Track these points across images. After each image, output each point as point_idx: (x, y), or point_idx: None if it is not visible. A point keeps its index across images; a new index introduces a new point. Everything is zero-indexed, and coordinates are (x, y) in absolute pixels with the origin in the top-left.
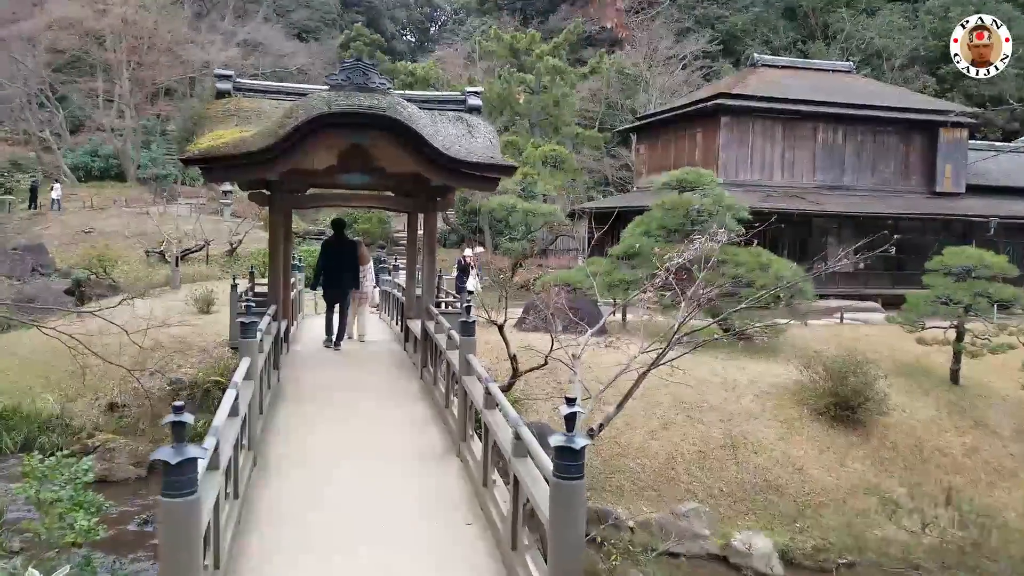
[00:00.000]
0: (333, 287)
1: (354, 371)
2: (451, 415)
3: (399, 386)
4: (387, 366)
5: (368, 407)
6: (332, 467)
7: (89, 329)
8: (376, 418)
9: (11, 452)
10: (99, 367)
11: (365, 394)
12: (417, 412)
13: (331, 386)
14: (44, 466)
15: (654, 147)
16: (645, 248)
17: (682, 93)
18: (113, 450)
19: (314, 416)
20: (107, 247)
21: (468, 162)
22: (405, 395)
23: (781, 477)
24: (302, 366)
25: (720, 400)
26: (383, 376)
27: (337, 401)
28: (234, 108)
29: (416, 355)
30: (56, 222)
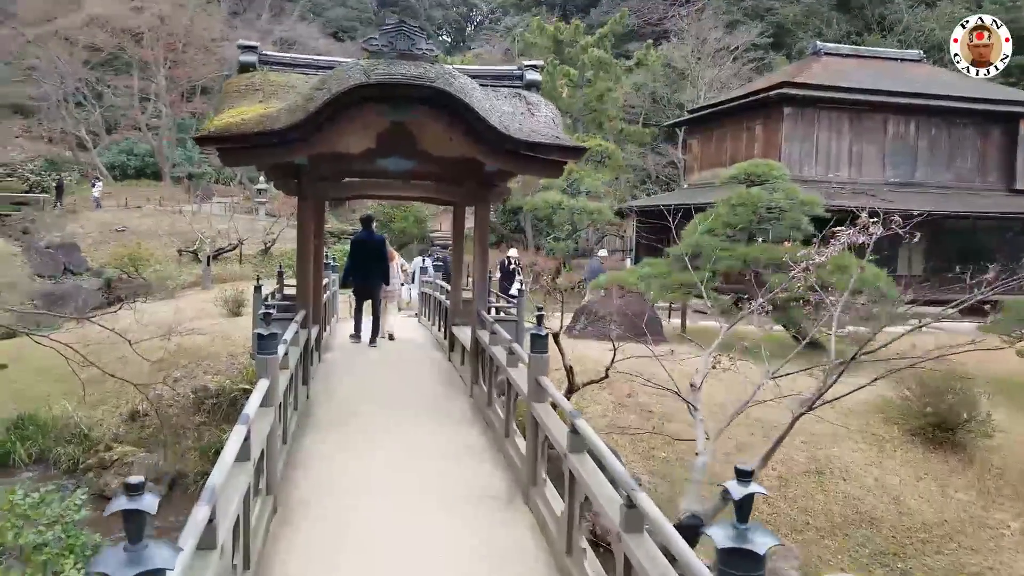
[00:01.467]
0: (363, 284)
1: (394, 385)
2: (513, 447)
3: (446, 405)
4: (431, 380)
5: (411, 432)
6: (370, 513)
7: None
8: (421, 446)
9: (25, 465)
10: (122, 371)
11: (407, 415)
12: (470, 438)
13: (368, 404)
14: (26, 502)
15: (707, 142)
16: (709, 248)
17: (732, 87)
18: (131, 464)
19: (348, 445)
20: (139, 246)
21: (530, 142)
22: (454, 416)
23: (876, 508)
24: (335, 379)
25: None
26: (427, 392)
27: (375, 425)
28: (259, 82)
29: (464, 368)
30: (90, 220)
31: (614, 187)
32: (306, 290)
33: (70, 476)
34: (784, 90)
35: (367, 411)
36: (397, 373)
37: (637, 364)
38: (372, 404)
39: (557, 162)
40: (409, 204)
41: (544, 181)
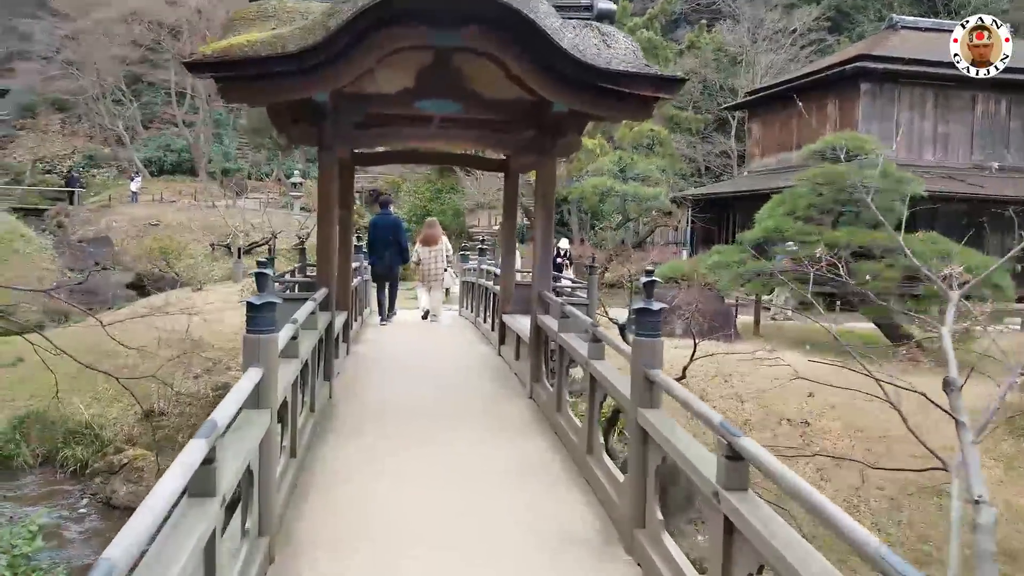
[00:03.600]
0: (380, 263)
1: (436, 383)
2: (602, 469)
3: (501, 409)
4: (479, 377)
5: (459, 444)
6: (401, 562)
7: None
8: (473, 464)
9: (31, 467)
10: (140, 366)
11: (453, 420)
12: (535, 454)
13: (404, 408)
14: None
15: (770, 125)
16: (791, 233)
17: (789, 72)
18: (142, 470)
19: (377, 459)
20: (170, 239)
21: (615, 72)
22: (511, 423)
23: (1011, 538)
24: (365, 376)
25: (903, 427)
26: (476, 392)
27: (413, 433)
28: (273, 8)
29: (520, 363)
30: (124, 215)
31: (664, 177)
32: (328, 266)
33: (77, 480)
34: (861, 64)
35: (403, 415)
36: (439, 369)
37: (709, 364)
38: (410, 406)
39: (646, 99)
40: (446, 194)
41: (592, 165)
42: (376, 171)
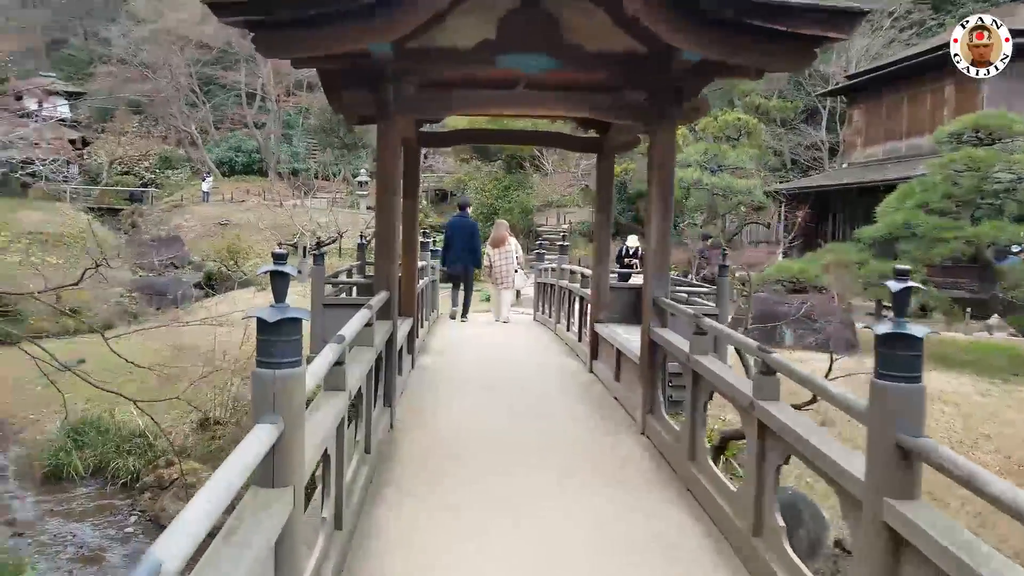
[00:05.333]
0: (455, 265)
1: (519, 409)
2: (786, 567)
3: (606, 449)
4: (572, 400)
5: (558, 502)
6: None
7: None
8: (582, 540)
9: (82, 477)
10: (196, 373)
11: (545, 463)
12: (664, 525)
13: (482, 443)
14: None
15: (875, 111)
16: (924, 228)
17: (886, 55)
18: (193, 486)
19: (450, 524)
20: (238, 239)
21: (771, 3)
22: (624, 472)
23: None
24: (433, 398)
25: None
26: (570, 422)
27: (494, 483)
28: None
29: (624, 386)
30: (194, 214)
31: (757, 168)
32: (389, 265)
33: (127, 494)
34: None
35: (480, 455)
36: (521, 388)
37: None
38: (487, 441)
39: (807, 40)
40: (514, 193)
41: (676, 156)
42: (441, 169)
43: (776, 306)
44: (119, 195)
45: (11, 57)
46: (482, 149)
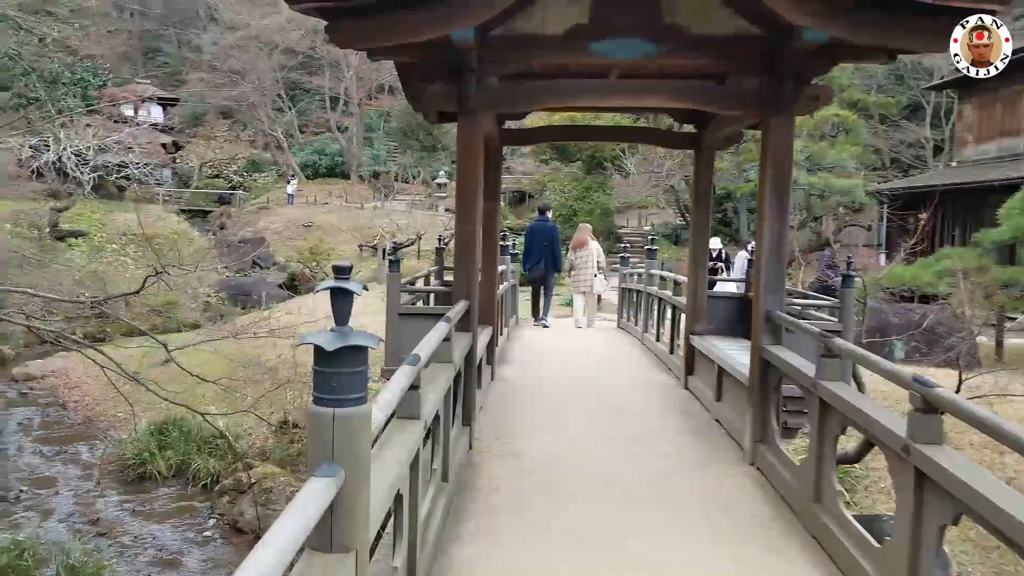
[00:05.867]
0: (535, 270)
1: (609, 429)
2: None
3: (711, 483)
4: (667, 421)
5: (652, 546)
6: None
7: None
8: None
9: (164, 478)
10: (277, 374)
11: (634, 493)
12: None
13: (566, 465)
14: None
15: (990, 105)
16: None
17: None
18: (270, 491)
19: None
20: (321, 240)
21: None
22: (735, 516)
23: None
24: (514, 413)
25: None
26: (667, 448)
27: (580, 520)
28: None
29: (726, 407)
30: (280, 216)
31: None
32: (469, 271)
33: (207, 495)
34: None
35: (568, 483)
36: (610, 406)
37: None
38: (575, 467)
39: (951, 14)
40: (595, 192)
41: None
42: (519, 170)
43: (887, 316)
44: (208, 197)
45: (107, 65)
46: (562, 149)
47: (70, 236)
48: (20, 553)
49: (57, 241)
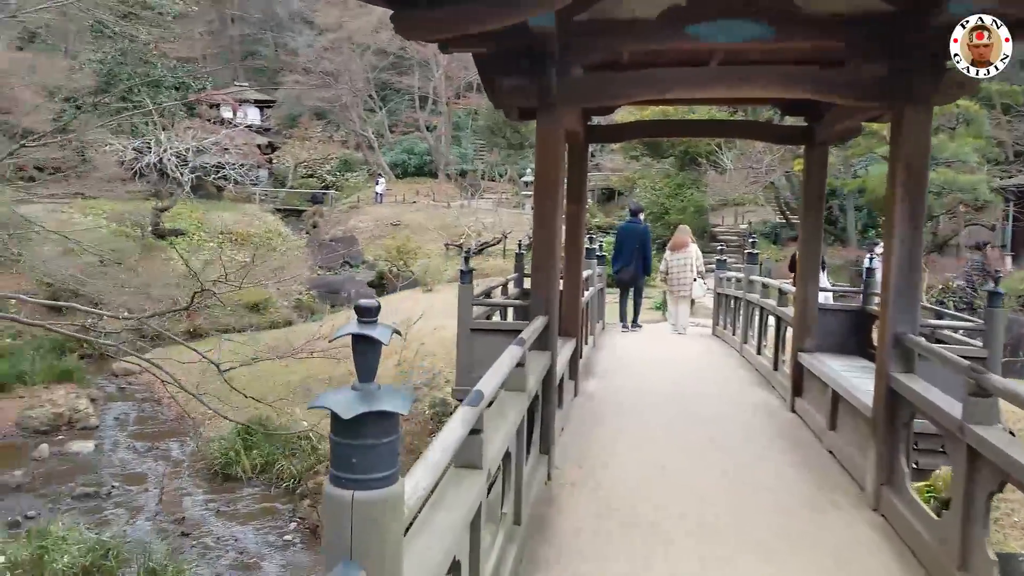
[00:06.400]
0: (625, 271)
1: (700, 452)
2: None
3: (821, 523)
4: (768, 447)
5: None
6: None
7: None
8: None
9: (248, 478)
10: None
11: (736, 540)
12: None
13: (658, 502)
14: None
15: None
16: None
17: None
18: None
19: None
20: (408, 239)
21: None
22: (848, 561)
23: None
24: (598, 436)
25: None
26: (768, 477)
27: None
28: None
29: (842, 438)
30: (369, 215)
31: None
32: (549, 282)
33: (289, 498)
34: None
35: (660, 525)
36: (705, 427)
37: None
38: (668, 504)
39: None
40: (688, 189)
41: (881, 149)
42: (608, 167)
43: (1020, 328)
44: (302, 197)
45: (207, 68)
46: (653, 145)
47: (170, 235)
48: (105, 553)
49: (159, 239)
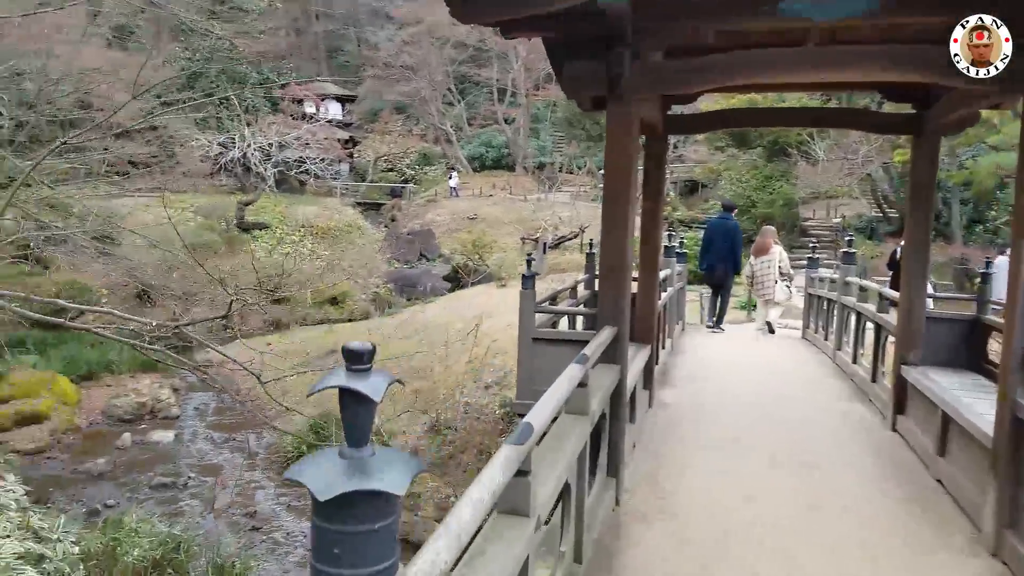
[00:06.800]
0: (712, 270)
1: (793, 486)
2: None
3: (932, 567)
4: (866, 471)
5: None
6: None
7: None
8: None
9: None
10: (438, 373)
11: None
12: None
13: (742, 539)
14: None
15: None
16: None
17: None
18: (419, 496)
19: None
20: (484, 233)
21: None
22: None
23: None
24: (673, 456)
25: None
26: (866, 514)
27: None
28: None
29: (953, 465)
30: (445, 208)
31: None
32: (618, 289)
33: None
34: None
35: (745, 563)
36: (795, 447)
37: None
38: (753, 542)
39: None
40: (778, 180)
41: (992, 138)
42: (691, 158)
43: None
44: (381, 191)
45: (291, 65)
46: (739, 135)
47: (254, 228)
48: (176, 546)
49: (243, 233)
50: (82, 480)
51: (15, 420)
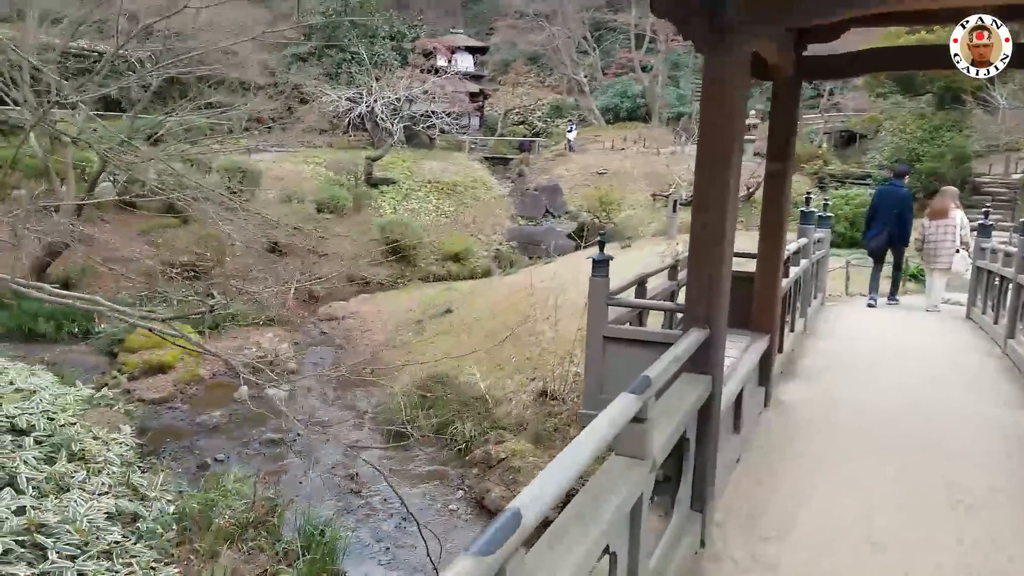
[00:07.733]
0: (877, 239)
1: (943, 529)
2: None
3: None
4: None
5: None
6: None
7: None
8: None
9: (424, 436)
10: (547, 337)
11: None
12: None
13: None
14: None
15: None
16: None
17: None
18: (518, 471)
19: None
20: (612, 189)
21: None
22: None
23: None
24: (784, 481)
25: None
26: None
27: None
28: None
29: None
30: (575, 163)
31: None
32: (710, 286)
33: (459, 462)
34: None
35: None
36: (948, 473)
37: None
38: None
39: None
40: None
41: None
42: (850, 107)
43: None
44: (510, 145)
45: (422, 16)
46: (905, 80)
47: (382, 183)
48: (272, 509)
49: (371, 188)
50: (197, 432)
51: (143, 369)
